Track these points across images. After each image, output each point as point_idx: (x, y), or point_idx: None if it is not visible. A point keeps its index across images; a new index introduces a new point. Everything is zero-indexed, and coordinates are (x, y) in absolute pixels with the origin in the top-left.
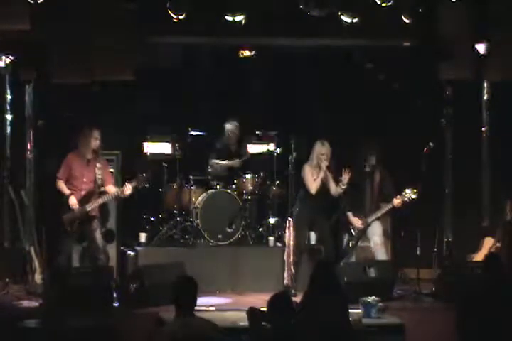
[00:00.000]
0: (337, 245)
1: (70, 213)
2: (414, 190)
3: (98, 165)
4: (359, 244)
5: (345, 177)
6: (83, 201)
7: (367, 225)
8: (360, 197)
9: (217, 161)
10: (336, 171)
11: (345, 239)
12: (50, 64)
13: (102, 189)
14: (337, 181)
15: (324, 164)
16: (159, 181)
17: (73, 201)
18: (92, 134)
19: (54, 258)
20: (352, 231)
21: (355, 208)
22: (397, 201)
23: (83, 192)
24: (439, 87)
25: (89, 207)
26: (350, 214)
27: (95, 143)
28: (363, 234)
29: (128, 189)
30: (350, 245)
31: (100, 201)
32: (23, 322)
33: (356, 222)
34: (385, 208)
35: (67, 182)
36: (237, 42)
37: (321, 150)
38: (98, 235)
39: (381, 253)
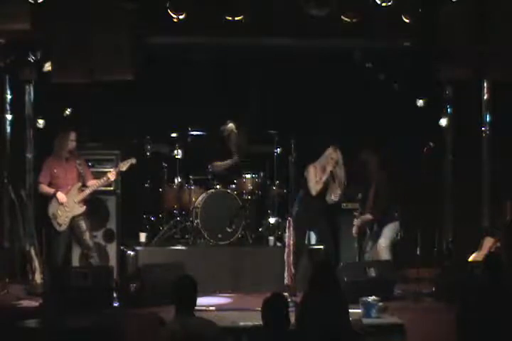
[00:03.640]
0: (337, 245)
1: (60, 209)
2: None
3: (78, 161)
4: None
5: (338, 191)
6: (71, 195)
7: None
8: (366, 196)
9: (218, 163)
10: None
11: (365, 240)
12: (50, 64)
13: (84, 188)
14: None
15: (330, 168)
16: (159, 181)
17: (61, 196)
18: (69, 137)
19: (54, 258)
20: (368, 232)
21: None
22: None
23: (69, 187)
24: (439, 87)
25: (77, 199)
26: (357, 213)
27: (72, 144)
28: (376, 234)
29: (113, 174)
30: (356, 245)
31: (87, 191)
32: (23, 322)
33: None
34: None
35: (51, 184)
36: (237, 42)
37: (332, 155)
38: (88, 235)
39: (384, 256)
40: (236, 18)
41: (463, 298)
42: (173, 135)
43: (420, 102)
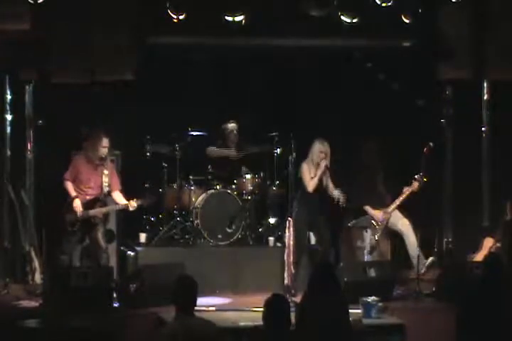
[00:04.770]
0: (337, 245)
1: (72, 215)
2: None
3: (105, 171)
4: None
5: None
6: (87, 206)
7: (389, 215)
8: (372, 190)
9: (214, 148)
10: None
11: (367, 235)
12: (50, 64)
13: (109, 197)
14: (334, 182)
15: (323, 163)
16: (159, 181)
17: (77, 204)
18: (101, 142)
19: (54, 258)
20: (375, 225)
21: (372, 202)
22: (415, 184)
23: (88, 197)
24: (439, 87)
25: (91, 213)
26: (368, 208)
27: (103, 150)
28: (385, 225)
29: (133, 206)
30: (376, 238)
31: (104, 210)
32: (23, 322)
33: (378, 214)
34: (405, 193)
35: (73, 186)
36: (237, 42)
37: (320, 149)
38: (100, 235)
39: (411, 233)
40: (236, 18)
41: (463, 298)
42: (173, 135)
43: (420, 102)
